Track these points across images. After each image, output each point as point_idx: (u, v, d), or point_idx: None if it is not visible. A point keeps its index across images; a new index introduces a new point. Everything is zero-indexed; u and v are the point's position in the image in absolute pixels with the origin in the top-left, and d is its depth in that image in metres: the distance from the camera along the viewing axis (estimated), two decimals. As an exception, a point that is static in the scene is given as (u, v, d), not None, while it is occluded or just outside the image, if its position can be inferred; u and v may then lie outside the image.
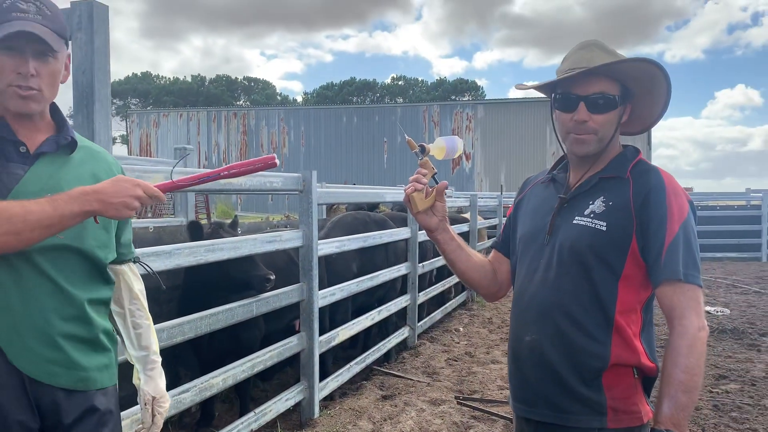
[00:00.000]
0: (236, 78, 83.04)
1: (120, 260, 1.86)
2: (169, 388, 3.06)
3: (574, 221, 1.71)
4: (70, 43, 1.70)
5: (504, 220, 10.18)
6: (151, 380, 1.90)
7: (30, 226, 1.49)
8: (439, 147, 1.93)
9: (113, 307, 1.88)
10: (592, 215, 1.69)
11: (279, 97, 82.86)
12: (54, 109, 1.74)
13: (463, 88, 75.75)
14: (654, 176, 1.68)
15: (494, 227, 11.96)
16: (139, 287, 1.91)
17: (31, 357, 1.60)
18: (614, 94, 1.71)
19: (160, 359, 1.93)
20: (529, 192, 1.97)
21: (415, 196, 1.86)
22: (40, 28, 1.57)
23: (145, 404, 1.87)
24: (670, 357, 1.57)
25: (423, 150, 1.88)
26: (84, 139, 1.82)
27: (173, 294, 3.82)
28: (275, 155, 1.71)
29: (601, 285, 1.67)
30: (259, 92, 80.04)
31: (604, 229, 1.66)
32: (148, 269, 2.04)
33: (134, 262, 1.93)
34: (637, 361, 1.67)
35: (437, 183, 1.88)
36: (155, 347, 1.93)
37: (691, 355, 1.55)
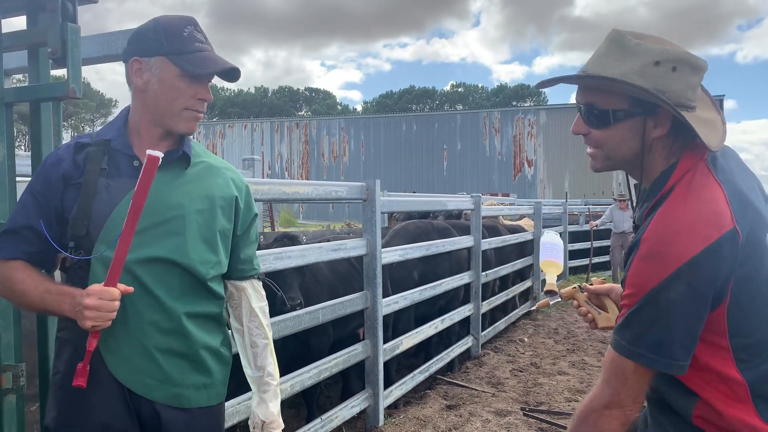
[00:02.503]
0: (298, 89, 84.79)
1: (241, 276, 1.86)
2: (238, 394, 3.16)
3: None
4: None
5: (570, 228, 9.89)
6: (263, 403, 1.85)
7: (22, 304, 1.70)
8: (551, 269, 1.86)
9: (233, 323, 1.88)
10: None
11: (339, 107, 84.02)
12: None
13: (524, 93, 74.77)
14: (645, 227, 1.36)
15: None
16: (258, 305, 1.88)
17: (128, 367, 1.65)
18: (608, 107, 1.41)
19: (275, 382, 1.88)
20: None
21: (601, 326, 1.72)
22: (230, 64, 1.70)
23: (254, 428, 1.83)
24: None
25: (553, 294, 1.80)
26: (209, 154, 1.87)
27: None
28: (153, 152, 1.56)
29: None
30: (320, 102, 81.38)
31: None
32: (274, 287, 2.05)
33: (258, 279, 1.91)
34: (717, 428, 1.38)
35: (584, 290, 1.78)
36: (271, 368, 1.88)
37: (581, 426, 1.41)
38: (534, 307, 2.00)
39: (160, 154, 1.54)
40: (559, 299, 1.77)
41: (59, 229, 1.67)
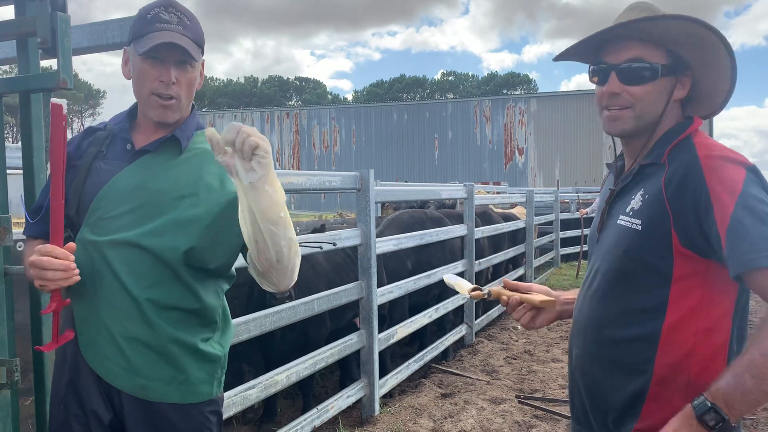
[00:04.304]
0: (288, 78, 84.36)
1: None
2: (234, 385, 3.15)
3: (618, 221, 1.46)
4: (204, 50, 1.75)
5: (561, 216, 9.87)
6: None
7: (29, 279, 1.60)
8: (460, 285, 1.84)
9: None
10: (631, 213, 1.42)
11: (329, 96, 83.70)
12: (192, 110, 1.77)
13: (514, 82, 74.79)
14: (686, 155, 1.37)
15: (550, 223, 11.76)
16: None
17: (95, 351, 1.63)
18: (654, 61, 1.42)
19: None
20: (607, 181, 1.69)
21: (540, 300, 1.67)
22: (181, 38, 1.63)
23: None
24: (754, 337, 1.27)
25: (480, 289, 1.74)
26: None
27: (238, 292, 3.90)
28: (56, 100, 1.48)
29: (642, 294, 1.41)
30: (310, 92, 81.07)
31: (639, 228, 1.39)
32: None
33: None
34: (685, 383, 1.37)
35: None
36: None
37: (764, 386, 1.22)
38: (470, 296, 1.98)
39: (63, 102, 1.48)
40: (488, 296, 1.73)
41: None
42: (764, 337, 1.24)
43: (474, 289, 1.76)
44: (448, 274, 2.04)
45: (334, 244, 3.89)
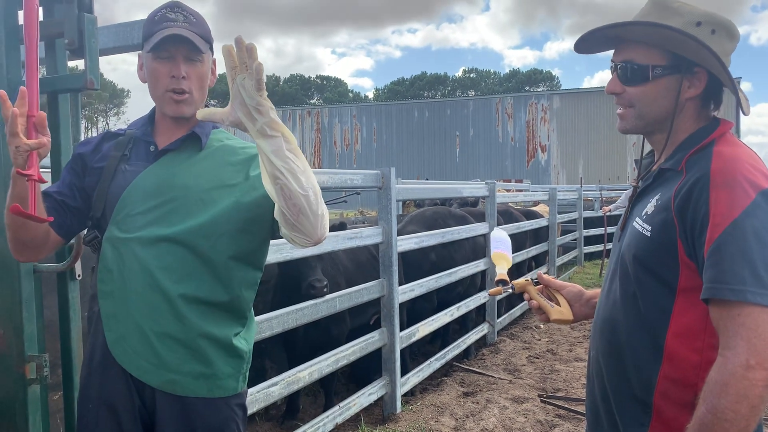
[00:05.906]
0: (309, 77, 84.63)
1: None
2: (256, 382, 3.18)
3: (634, 223, 1.44)
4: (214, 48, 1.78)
5: (585, 214, 9.76)
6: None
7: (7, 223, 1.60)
8: (502, 261, 1.84)
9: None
10: (645, 217, 1.40)
11: (351, 94, 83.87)
12: None
13: (537, 78, 74.20)
14: (702, 165, 1.32)
15: (573, 221, 11.66)
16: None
17: (124, 348, 1.65)
18: (645, 63, 1.41)
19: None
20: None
21: (554, 319, 1.69)
22: (187, 32, 1.67)
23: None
24: (702, 391, 1.26)
25: (505, 283, 1.75)
26: (234, 138, 1.85)
27: (261, 289, 3.92)
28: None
29: (649, 301, 1.39)
30: (332, 90, 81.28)
31: (648, 234, 1.37)
32: None
33: None
34: (692, 400, 1.31)
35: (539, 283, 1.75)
36: None
37: (723, 395, 1.20)
38: (488, 293, 1.98)
39: None
40: (511, 290, 1.74)
41: (74, 204, 1.75)
42: (710, 392, 1.23)
43: (500, 280, 1.76)
44: (501, 233, 1.98)
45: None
